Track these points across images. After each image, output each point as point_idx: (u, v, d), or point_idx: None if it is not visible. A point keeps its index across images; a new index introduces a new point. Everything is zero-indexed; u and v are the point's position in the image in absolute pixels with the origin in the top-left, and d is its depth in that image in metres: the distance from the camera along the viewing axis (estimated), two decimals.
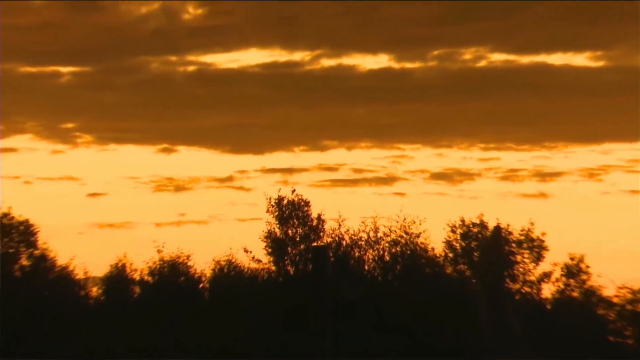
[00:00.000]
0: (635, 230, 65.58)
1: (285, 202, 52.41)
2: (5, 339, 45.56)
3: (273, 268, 52.34)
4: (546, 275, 52.99)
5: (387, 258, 52.48)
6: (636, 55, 73.25)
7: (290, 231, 52.35)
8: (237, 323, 48.38)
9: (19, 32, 65.24)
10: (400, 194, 70.35)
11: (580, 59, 75.01)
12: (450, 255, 53.11)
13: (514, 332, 45.68)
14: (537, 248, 52.92)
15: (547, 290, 53.42)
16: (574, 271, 53.14)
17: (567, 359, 46.05)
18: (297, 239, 52.25)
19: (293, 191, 53.36)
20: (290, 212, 52.35)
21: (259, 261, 52.57)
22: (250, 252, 52.26)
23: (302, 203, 52.70)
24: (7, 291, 49.45)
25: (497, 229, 52.23)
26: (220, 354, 47.22)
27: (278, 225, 52.14)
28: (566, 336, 49.12)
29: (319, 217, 52.65)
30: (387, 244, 52.43)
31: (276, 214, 51.97)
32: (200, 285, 52.96)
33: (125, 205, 74.09)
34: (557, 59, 72.68)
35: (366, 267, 52.47)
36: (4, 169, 74.56)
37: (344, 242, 52.20)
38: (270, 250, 51.96)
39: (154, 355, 48.00)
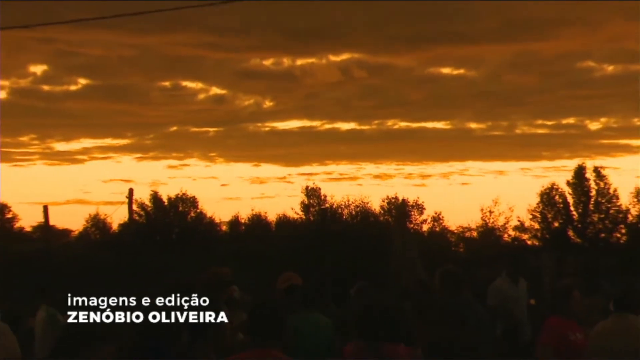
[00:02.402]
0: (459, 204, 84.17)
1: (309, 188, 63.10)
2: (176, 258, 47.85)
3: (304, 217, 62.32)
4: (424, 221, 63.96)
5: (353, 213, 62.04)
6: (466, 123, 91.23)
7: (311, 201, 62.40)
8: (289, 241, 53.72)
9: (190, 113, 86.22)
10: (359, 185, 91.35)
11: (440, 125, 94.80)
12: (382, 212, 62.18)
13: (411, 248, 43.08)
14: (419, 209, 63.64)
15: (425, 227, 63.22)
16: (436, 219, 64.59)
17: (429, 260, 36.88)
18: (315, 205, 61.93)
19: (313, 183, 67.51)
20: (312, 192, 62.68)
21: (298, 214, 62.80)
22: (294, 209, 62.93)
23: (317, 188, 63.38)
24: (184, 229, 61.48)
25: (404, 200, 61.23)
26: (279, 263, 40.07)
27: (306, 198, 62.66)
28: (433, 250, 51.85)
29: (324, 195, 62.89)
30: (353, 207, 62.20)
31: (305, 193, 62.79)
32: (272, 226, 64.07)
33: (239, 190, 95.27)
34: (428, 124, 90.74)
35: (344, 217, 61.53)
36: (178, 175, 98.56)
37: (334, 206, 62.12)
38: (302, 209, 62.66)
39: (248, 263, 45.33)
